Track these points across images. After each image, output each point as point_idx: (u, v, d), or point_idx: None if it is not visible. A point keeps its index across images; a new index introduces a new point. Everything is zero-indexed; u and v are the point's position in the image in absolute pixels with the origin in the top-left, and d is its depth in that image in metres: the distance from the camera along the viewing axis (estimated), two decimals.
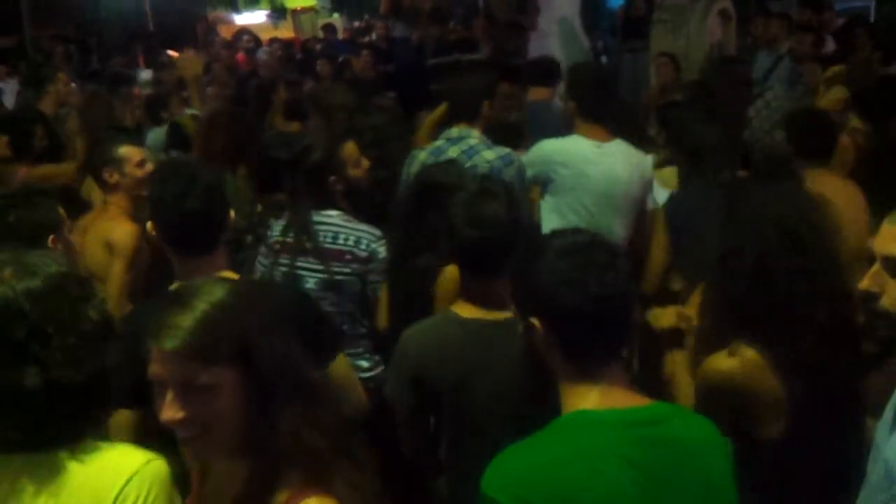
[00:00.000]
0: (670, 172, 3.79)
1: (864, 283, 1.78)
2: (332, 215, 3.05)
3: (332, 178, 3.09)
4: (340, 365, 2.42)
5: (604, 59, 9.95)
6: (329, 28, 12.19)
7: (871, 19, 13.67)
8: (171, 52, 10.00)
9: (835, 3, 14.31)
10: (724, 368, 1.91)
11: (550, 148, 3.59)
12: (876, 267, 1.76)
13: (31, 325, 1.44)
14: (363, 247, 2.99)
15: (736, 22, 8.57)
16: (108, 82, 7.13)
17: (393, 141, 3.60)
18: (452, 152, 3.48)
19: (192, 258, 2.18)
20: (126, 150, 3.45)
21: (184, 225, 2.16)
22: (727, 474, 1.53)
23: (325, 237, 3.00)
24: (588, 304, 1.47)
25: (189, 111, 5.63)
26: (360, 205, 3.21)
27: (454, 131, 3.57)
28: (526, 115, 4.87)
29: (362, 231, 3.02)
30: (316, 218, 3.03)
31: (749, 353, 1.89)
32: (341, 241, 2.99)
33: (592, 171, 3.50)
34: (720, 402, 1.89)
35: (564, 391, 1.53)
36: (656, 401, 1.54)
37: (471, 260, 2.20)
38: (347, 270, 2.98)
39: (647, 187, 3.64)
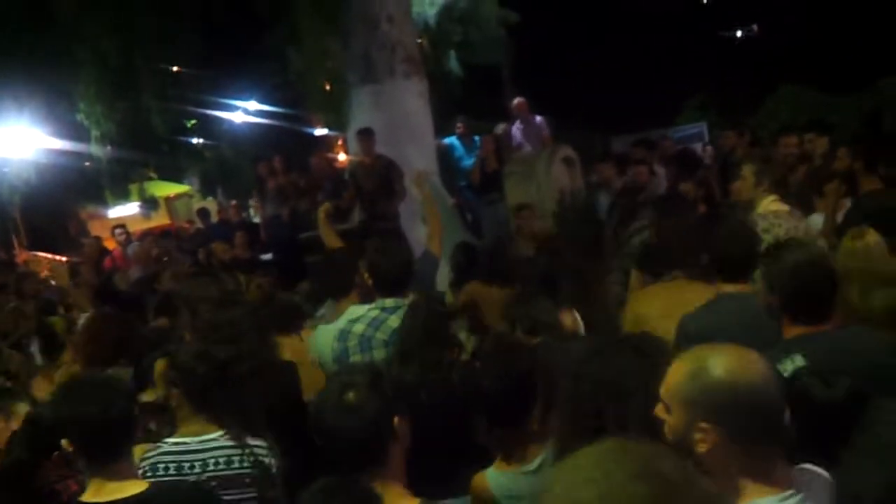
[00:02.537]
0: None
1: None
2: (216, 437, 2.78)
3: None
4: None
5: (468, 215, 10.56)
6: (202, 213, 12.42)
7: (706, 142, 15.21)
8: (40, 254, 9.97)
9: (673, 133, 15.93)
10: None
11: None
12: None
13: None
14: (259, 465, 2.75)
15: (581, 166, 9.38)
16: None
17: (250, 333, 3.66)
18: (392, 322, 3.51)
19: (109, 465, 2.33)
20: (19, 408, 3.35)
21: (105, 439, 2.31)
22: None
23: (216, 465, 2.72)
24: None
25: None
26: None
27: (389, 302, 3.61)
28: None
29: (258, 448, 2.79)
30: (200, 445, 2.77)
31: None
32: (236, 465, 2.73)
33: None
34: None
35: None
36: None
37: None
38: (247, 496, 2.72)
39: None
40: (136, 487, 2.34)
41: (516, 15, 12.30)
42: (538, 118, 10.57)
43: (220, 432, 2.76)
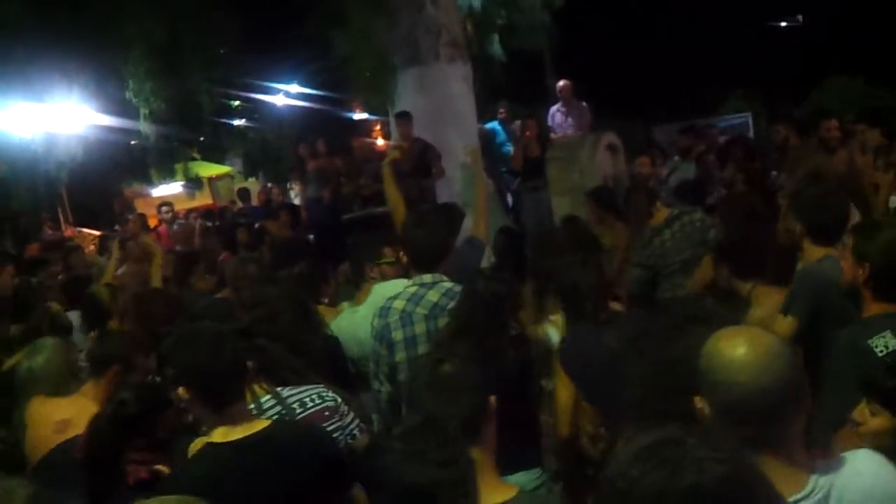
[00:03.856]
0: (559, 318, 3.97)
1: None
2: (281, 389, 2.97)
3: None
4: (359, 496, 2.60)
5: (509, 197, 10.54)
6: (243, 193, 12.59)
7: (751, 134, 14.99)
8: (84, 230, 10.16)
9: (718, 122, 15.70)
10: None
11: None
12: None
13: None
14: (327, 398, 2.96)
15: (625, 153, 9.32)
16: (26, 268, 7.21)
17: (287, 314, 3.70)
18: (432, 296, 3.56)
19: (227, 409, 2.45)
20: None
21: (218, 384, 2.44)
22: None
23: (294, 410, 2.89)
24: None
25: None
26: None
27: (427, 277, 3.61)
28: None
29: (314, 388, 2.99)
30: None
31: None
32: (310, 405, 2.92)
33: None
34: None
35: None
36: None
37: None
38: (333, 427, 2.90)
39: None
40: (259, 425, 2.49)
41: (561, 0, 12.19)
42: (583, 103, 10.52)
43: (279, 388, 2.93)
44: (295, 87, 16.75)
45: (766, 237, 4.09)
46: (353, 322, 4.12)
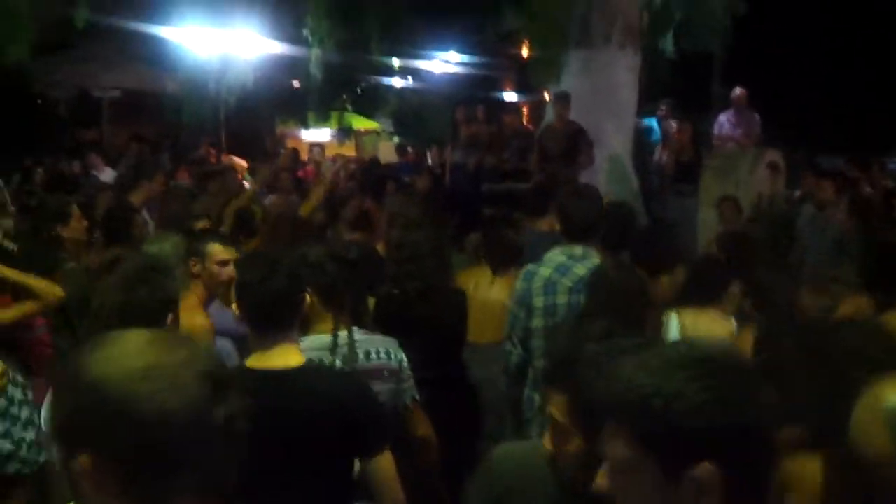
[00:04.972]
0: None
1: None
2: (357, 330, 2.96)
3: None
4: (385, 461, 2.48)
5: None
6: (401, 149, 12.90)
7: None
8: (236, 159, 10.61)
9: (891, 164, 14.63)
10: None
11: None
12: None
13: None
14: (393, 358, 2.95)
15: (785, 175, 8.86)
16: (196, 179, 7.55)
17: (428, 258, 3.76)
18: (579, 270, 3.56)
19: (273, 334, 2.40)
20: (212, 247, 3.64)
21: (266, 305, 2.38)
22: None
23: (357, 356, 2.88)
24: None
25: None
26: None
27: (578, 250, 3.63)
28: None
29: (386, 342, 2.98)
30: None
31: None
32: (374, 357, 2.92)
33: None
34: None
35: None
36: None
37: None
38: (386, 388, 2.89)
39: None
40: (293, 360, 2.41)
41: (745, 6, 11.65)
42: (756, 115, 10.10)
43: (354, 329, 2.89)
44: (454, 56, 16.85)
45: None
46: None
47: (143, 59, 13.30)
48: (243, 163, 10.77)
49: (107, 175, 9.88)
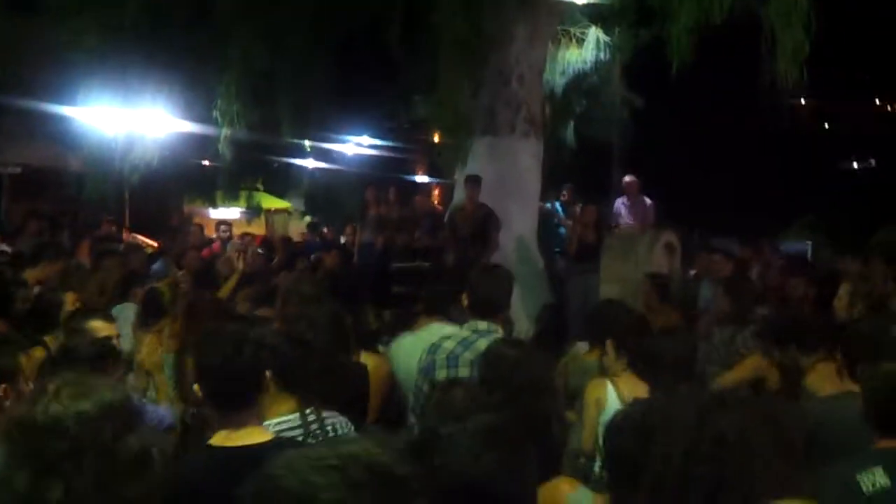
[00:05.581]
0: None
1: None
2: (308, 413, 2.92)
3: None
4: None
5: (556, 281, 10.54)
6: (313, 227, 13.00)
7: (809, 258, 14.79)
8: (139, 237, 10.43)
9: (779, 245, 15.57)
10: None
11: None
12: None
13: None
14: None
15: (681, 255, 9.29)
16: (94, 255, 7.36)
17: (327, 333, 3.71)
18: (481, 344, 3.53)
19: (238, 413, 2.36)
20: (93, 324, 3.59)
21: (233, 384, 2.36)
22: None
23: (327, 432, 2.87)
24: None
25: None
26: None
27: (483, 325, 3.68)
28: None
29: (339, 415, 2.96)
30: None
31: None
32: (341, 433, 2.90)
33: None
34: None
35: None
36: None
37: None
38: None
39: None
40: (260, 437, 2.36)
41: (641, 101, 12.41)
42: (648, 200, 10.57)
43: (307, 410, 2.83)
44: (366, 139, 17.20)
45: None
46: (401, 346, 4.18)
47: (46, 136, 13.05)
48: (148, 240, 10.58)
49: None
